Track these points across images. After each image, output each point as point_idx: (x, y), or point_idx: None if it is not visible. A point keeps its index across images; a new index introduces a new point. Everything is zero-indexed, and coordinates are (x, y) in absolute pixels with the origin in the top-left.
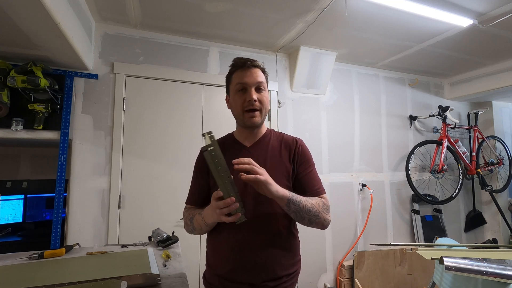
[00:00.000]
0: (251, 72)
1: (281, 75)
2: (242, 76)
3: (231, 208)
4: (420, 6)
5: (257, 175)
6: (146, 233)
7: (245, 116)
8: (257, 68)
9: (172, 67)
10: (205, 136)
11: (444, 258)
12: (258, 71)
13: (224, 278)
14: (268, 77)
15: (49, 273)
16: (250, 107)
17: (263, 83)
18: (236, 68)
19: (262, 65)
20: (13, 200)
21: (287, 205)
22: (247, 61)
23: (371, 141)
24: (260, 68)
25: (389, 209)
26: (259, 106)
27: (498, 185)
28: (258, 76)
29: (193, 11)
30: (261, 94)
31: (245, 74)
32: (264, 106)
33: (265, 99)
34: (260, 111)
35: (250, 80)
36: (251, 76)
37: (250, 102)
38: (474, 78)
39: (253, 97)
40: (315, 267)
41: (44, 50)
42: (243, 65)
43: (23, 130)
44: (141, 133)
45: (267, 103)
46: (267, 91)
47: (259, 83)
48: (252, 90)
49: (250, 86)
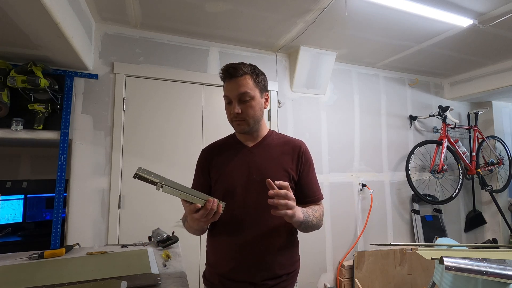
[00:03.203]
0: (234, 83)
1: (281, 75)
2: (227, 89)
3: (214, 207)
4: (420, 6)
5: (287, 211)
6: (146, 233)
7: (233, 124)
8: (241, 76)
9: (172, 67)
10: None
11: (444, 258)
12: (243, 80)
13: (225, 277)
14: (264, 77)
15: (49, 273)
16: (234, 119)
17: (247, 93)
18: (223, 78)
19: (250, 69)
20: (13, 200)
21: (299, 225)
22: (232, 70)
23: (371, 141)
24: (248, 73)
25: (389, 209)
26: (243, 117)
27: (498, 185)
28: (240, 87)
29: (193, 11)
30: (245, 104)
31: (229, 86)
32: (250, 116)
33: (249, 109)
34: (246, 121)
35: (232, 94)
36: (233, 89)
37: (234, 115)
38: (474, 78)
39: (235, 110)
40: (315, 267)
41: (44, 50)
42: (228, 75)
43: (23, 130)
44: (141, 133)
45: (255, 111)
46: (256, 98)
47: (241, 95)
48: (235, 103)
49: (233, 98)
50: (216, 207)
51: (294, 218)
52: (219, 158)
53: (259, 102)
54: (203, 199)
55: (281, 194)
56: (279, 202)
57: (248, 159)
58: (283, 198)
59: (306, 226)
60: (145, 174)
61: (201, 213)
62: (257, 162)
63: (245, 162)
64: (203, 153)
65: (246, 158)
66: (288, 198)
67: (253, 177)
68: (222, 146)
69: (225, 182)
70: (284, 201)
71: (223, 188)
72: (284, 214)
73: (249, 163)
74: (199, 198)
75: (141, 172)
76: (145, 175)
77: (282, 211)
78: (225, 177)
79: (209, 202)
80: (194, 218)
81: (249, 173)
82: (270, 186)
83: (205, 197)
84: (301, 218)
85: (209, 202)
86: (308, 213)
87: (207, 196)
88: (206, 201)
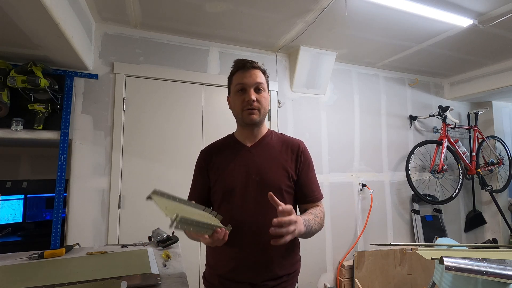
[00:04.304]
0: (251, 73)
1: (281, 75)
2: (242, 77)
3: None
4: (420, 6)
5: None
6: (146, 233)
7: (244, 113)
8: (257, 69)
9: (172, 67)
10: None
11: (444, 258)
12: (258, 72)
13: (225, 278)
14: (268, 78)
15: (49, 273)
16: (249, 107)
17: (262, 84)
18: (236, 69)
19: (263, 66)
20: (13, 200)
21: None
22: (247, 62)
23: (371, 141)
24: (261, 70)
25: (389, 209)
26: (257, 106)
27: (498, 185)
28: (257, 77)
29: (193, 11)
30: (260, 94)
31: (245, 75)
32: (263, 106)
33: (263, 100)
34: (259, 110)
35: (249, 81)
36: (250, 77)
37: (249, 102)
38: (474, 78)
39: (251, 97)
40: (315, 267)
41: (44, 50)
42: (243, 66)
43: (23, 130)
44: (141, 133)
45: (266, 104)
46: (266, 92)
47: (258, 84)
48: (251, 90)
49: (249, 86)
50: (222, 237)
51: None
52: (218, 159)
53: (268, 98)
54: (212, 229)
55: (285, 221)
56: (281, 232)
57: (247, 159)
58: (287, 225)
59: (308, 235)
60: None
61: (208, 241)
62: (256, 162)
63: (244, 162)
64: (202, 154)
65: (245, 158)
66: (291, 223)
67: (253, 177)
68: (220, 147)
69: (225, 183)
70: (286, 230)
71: (223, 188)
72: (284, 242)
73: (248, 163)
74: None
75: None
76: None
77: (282, 240)
78: (224, 177)
79: (217, 233)
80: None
81: (249, 173)
82: (273, 200)
83: (214, 226)
84: (302, 231)
85: (217, 233)
86: (310, 221)
87: (216, 224)
88: (214, 232)
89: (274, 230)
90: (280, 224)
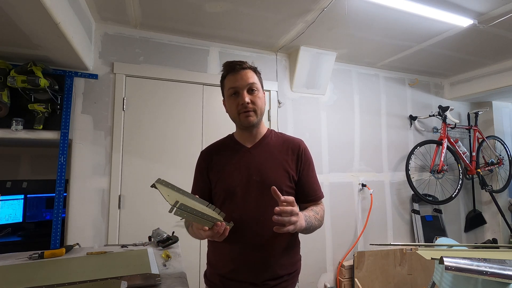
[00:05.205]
0: (241, 75)
1: (281, 75)
2: (234, 80)
3: (220, 231)
4: (420, 6)
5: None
6: (146, 233)
7: (240, 117)
8: (247, 69)
9: (172, 67)
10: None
11: (444, 258)
12: (249, 73)
13: (225, 277)
14: (261, 76)
15: (49, 273)
16: (244, 110)
17: (255, 84)
18: (227, 72)
19: (253, 64)
20: (13, 200)
21: (301, 231)
22: (237, 64)
23: (371, 141)
24: (251, 69)
25: (389, 209)
26: (252, 107)
27: (498, 185)
28: (248, 78)
29: (193, 11)
30: (253, 95)
31: (236, 77)
32: (259, 107)
33: (258, 100)
34: (255, 112)
35: (240, 83)
36: (242, 79)
37: (243, 105)
38: (474, 78)
39: (245, 99)
40: (315, 267)
41: (44, 50)
42: (233, 69)
43: (23, 130)
44: (141, 133)
45: (262, 103)
46: (261, 91)
47: (250, 85)
48: (244, 92)
49: (241, 89)
50: (222, 231)
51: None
52: (218, 160)
53: (263, 96)
54: (212, 222)
55: (287, 211)
56: (283, 220)
57: (248, 160)
58: (288, 214)
59: (308, 230)
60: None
61: (208, 234)
62: (257, 163)
63: (245, 163)
64: (202, 155)
65: (245, 159)
66: (293, 214)
67: (253, 178)
68: (220, 147)
69: (225, 184)
70: (288, 218)
71: (223, 189)
72: (287, 231)
73: (249, 164)
74: (208, 221)
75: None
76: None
77: (284, 228)
78: (224, 178)
79: (217, 226)
80: (201, 234)
81: (249, 174)
82: (275, 194)
83: (215, 219)
84: (303, 226)
85: (217, 226)
86: (310, 218)
87: (217, 217)
88: (214, 224)
89: (276, 218)
90: (281, 213)
